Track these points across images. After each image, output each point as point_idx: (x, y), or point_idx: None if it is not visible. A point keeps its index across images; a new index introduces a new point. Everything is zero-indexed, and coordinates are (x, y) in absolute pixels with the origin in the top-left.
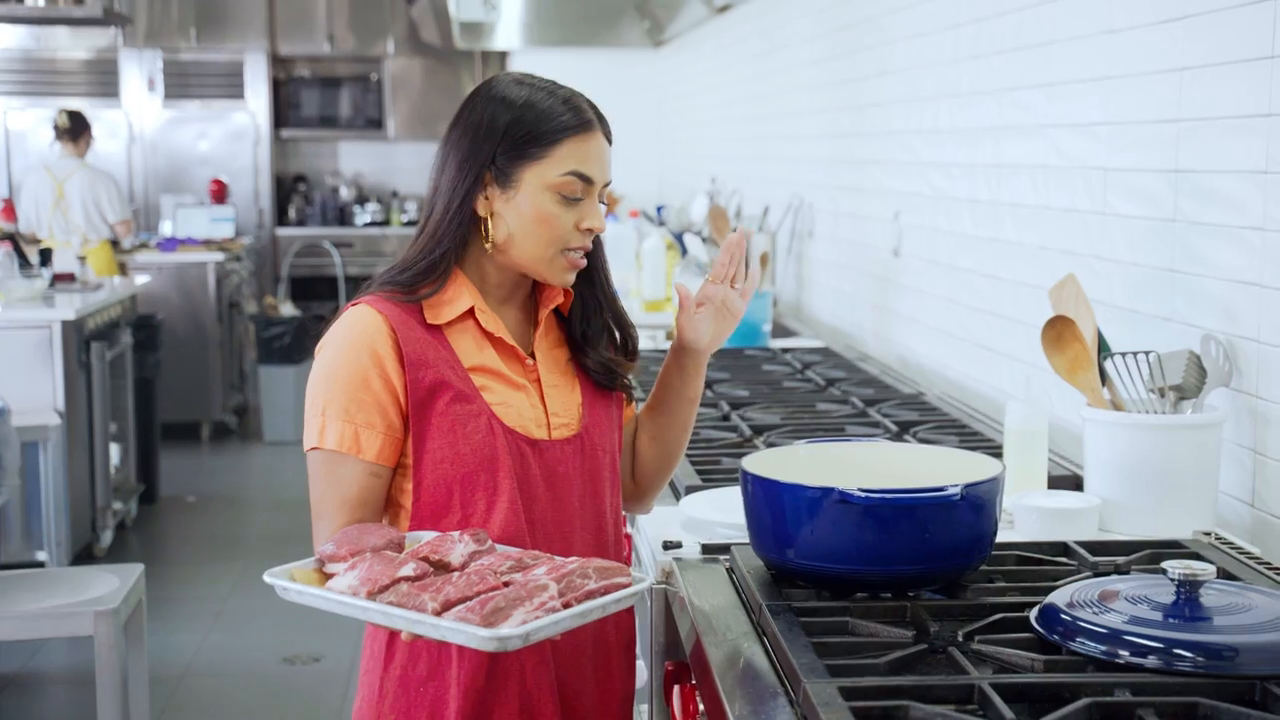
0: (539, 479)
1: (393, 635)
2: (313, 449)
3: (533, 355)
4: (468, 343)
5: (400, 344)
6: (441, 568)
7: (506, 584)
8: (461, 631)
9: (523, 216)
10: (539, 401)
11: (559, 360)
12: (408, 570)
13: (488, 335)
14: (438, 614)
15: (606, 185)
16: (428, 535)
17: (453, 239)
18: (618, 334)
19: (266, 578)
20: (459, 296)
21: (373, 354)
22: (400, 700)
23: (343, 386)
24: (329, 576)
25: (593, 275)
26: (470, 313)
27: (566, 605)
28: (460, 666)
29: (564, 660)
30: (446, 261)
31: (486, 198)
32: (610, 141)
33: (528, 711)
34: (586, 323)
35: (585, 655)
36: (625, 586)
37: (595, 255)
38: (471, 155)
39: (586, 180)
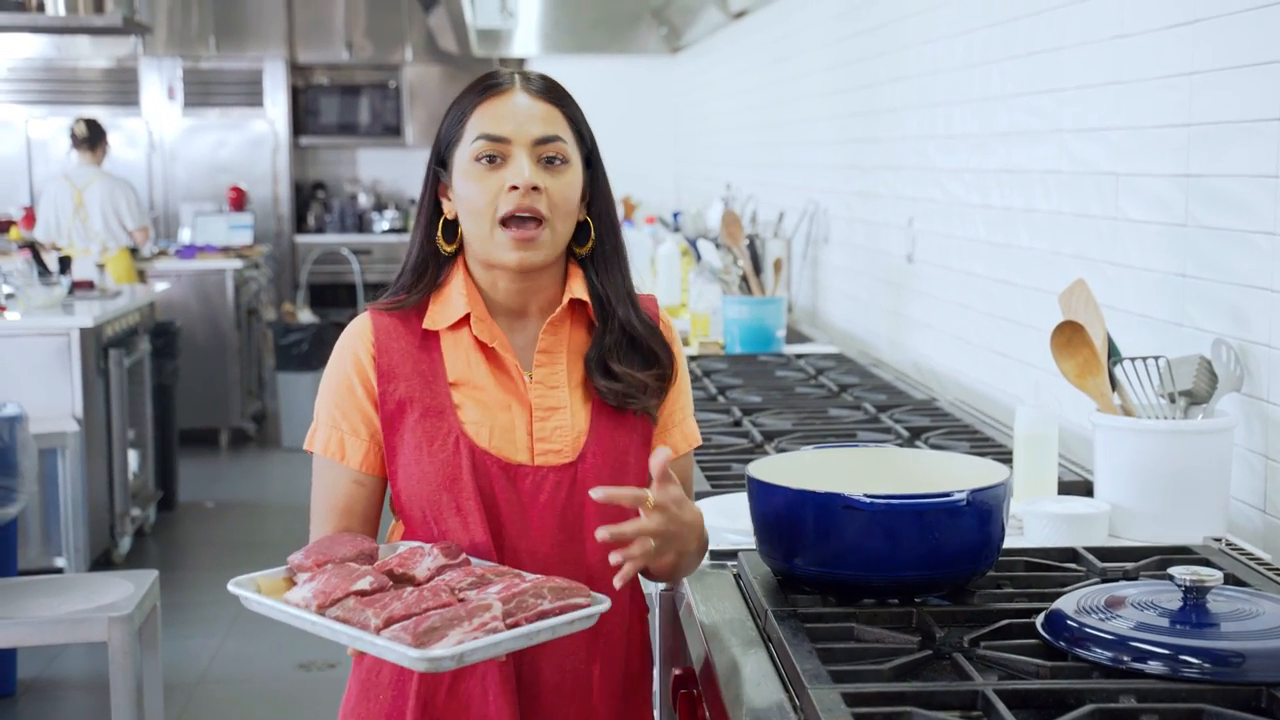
0: (512, 505)
1: None
2: (308, 451)
3: (531, 374)
4: (460, 353)
5: (377, 355)
6: (406, 581)
7: (461, 600)
8: (393, 650)
9: (460, 201)
10: (527, 423)
11: (573, 380)
12: (363, 584)
13: (482, 346)
14: (378, 631)
15: (544, 142)
16: (405, 546)
17: (429, 245)
18: (651, 352)
19: (231, 586)
20: (458, 303)
21: (356, 363)
22: (362, 705)
23: (332, 393)
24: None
25: (602, 288)
26: (467, 319)
27: (515, 625)
28: (420, 681)
29: (531, 696)
30: (426, 264)
31: (449, 199)
32: (555, 102)
33: None
34: (599, 343)
35: (561, 694)
36: (582, 607)
37: (605, 264)
38: (429, 158)
39: (497, 140)
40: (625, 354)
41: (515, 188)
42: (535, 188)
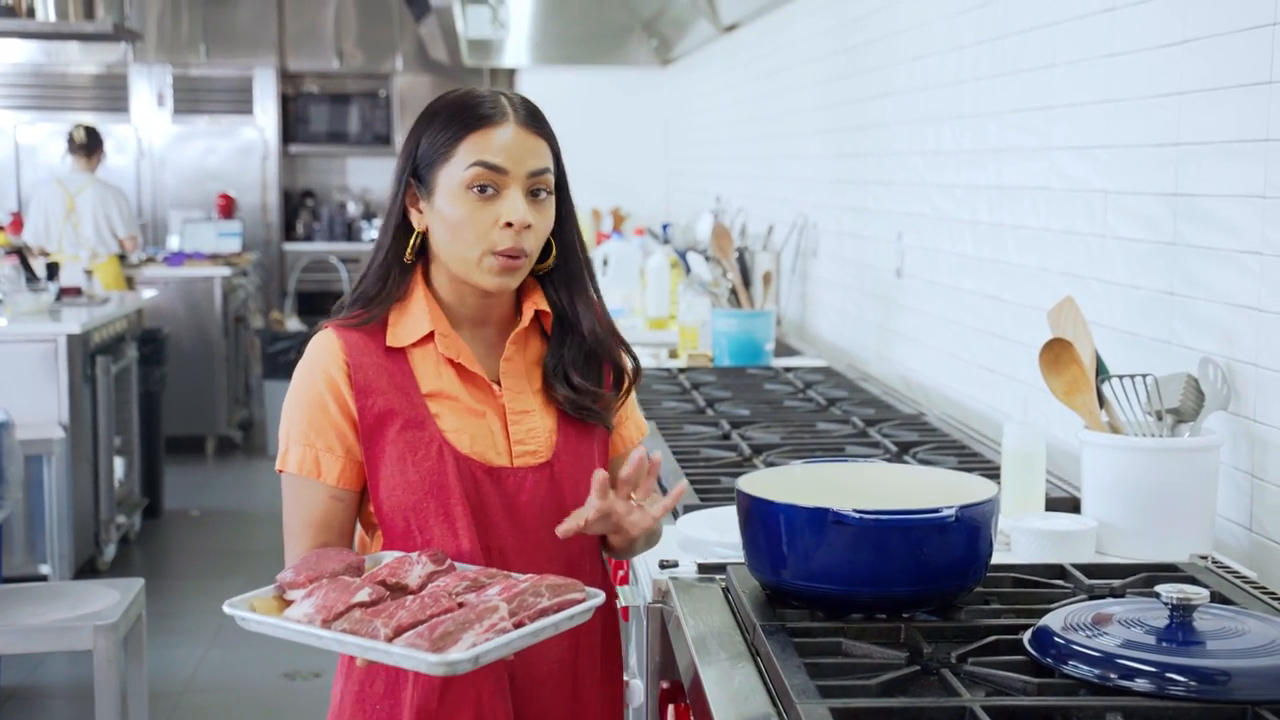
0: (497, 507)
1: None
2: (280, 471)
3: (499, 381)
4: (429, 367)
5: (352, 371)
6: (399, 590)
7: (461, 605)
8: (411, 657)
9: (443, 221)
10: (502, 428)
11: (533, 385)
12: (362, 596)
13: (449, 359)
14: (389, 640)
15: (536, 175)
16: (389, 556)
17: (393, 253)
18: (616, 363)
19: (226, 608)
20: (421, 319)
21: (328, 380)
22: (358, 714)
23: (303, 411)
24: (289, 603)
25: (565, 304)
26: (431, 336)
27: (519, 625)
28: (415, 688)
29: (525, 690)
30: (391, 278)
31: (419, 210)
32: (544, 136)
33: None
34: (557, 354)
35: (549, 686)
36: (578, 603)
37: (568, 282)
38: (399, 168)
39: (495, 169)
40: (584, 367)
41: (510, 224)
42: (528, 225)
